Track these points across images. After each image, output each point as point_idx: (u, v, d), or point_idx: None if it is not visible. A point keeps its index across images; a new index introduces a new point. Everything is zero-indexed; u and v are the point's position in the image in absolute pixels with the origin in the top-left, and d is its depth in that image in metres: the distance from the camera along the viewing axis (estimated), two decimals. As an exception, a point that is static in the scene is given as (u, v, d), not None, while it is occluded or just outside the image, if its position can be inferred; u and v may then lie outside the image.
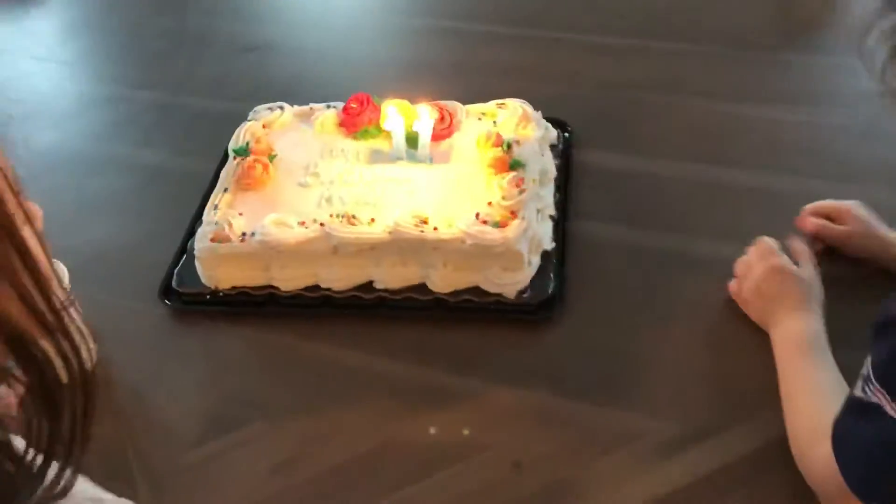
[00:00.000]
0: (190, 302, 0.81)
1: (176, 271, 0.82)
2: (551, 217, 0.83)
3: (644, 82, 1.05)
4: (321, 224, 0.77)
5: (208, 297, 0.80)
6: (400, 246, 0.76)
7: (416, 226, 0.76)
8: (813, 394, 0.64)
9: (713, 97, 1.02)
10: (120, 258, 0.87)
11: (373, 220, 0.78)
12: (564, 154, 0.92)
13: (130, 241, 0.89)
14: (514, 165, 0.80)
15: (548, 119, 0.92)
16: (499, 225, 0.76)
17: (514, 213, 0.77)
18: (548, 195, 0.84)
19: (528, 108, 0.88)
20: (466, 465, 0.66)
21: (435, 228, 0.76)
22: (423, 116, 0.82)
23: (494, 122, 0.88)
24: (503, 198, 0.78)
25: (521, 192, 0.78)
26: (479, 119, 0.89)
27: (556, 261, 0.79)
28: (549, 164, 0.87)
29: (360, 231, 0.76)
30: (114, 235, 0.91)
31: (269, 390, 0.74)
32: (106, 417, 0.51)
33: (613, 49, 1.13)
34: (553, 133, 0.92)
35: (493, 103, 0.90)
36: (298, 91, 1.05)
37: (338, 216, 0.77)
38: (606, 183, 0.90)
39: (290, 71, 1.14)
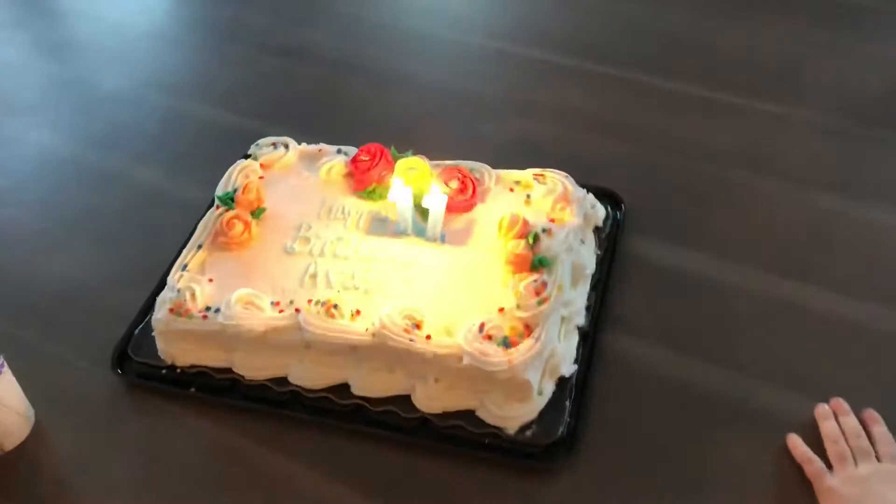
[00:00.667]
0: (143, 375, 0.69)
1: (136, 332, 0.71)
2: (579, 328, 0.68)
3: (726, 152, 0.87)
4: (297, 310, 0.64)
5: (164, 371, 0.68)
6: (384, 350, 0.62)
7: (406, 331, 0.61)
8: None
9: (809, 183, 0.83)
10: (85, 302, 0.77)
11: (357, 312, 0.64)
12: (611, 238, 0.76)
13: (101, 279, 0.79)
14: (539, 265, 0.65)
15: (598, 189, 0.77)
16: (507, 343, 0.61)
17: (528, 329, 0.62)
18: (578, 298, 0.68)
19: (571, 185, 0.72)
20: None
21: (428, 337, 0.61)
22: (435, 192, 0.67)
23: (528, 196, 0.73)
24: (518, 306, 0.63)
25: (542, 301, 0.63)
26: (511, 190, 0.74)
27: (575, 386, 0.65)
28: (587, 258, 0.71)
29: (339, 327, 0.63)
30: (86, 268, 0.80)
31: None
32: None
33: (695, 103, 0.94)
34: (600, 213, 0.76)
35: (529, 172, 0.74)
36: (322, 115, 0.92)
37: (317, 303, 0.64)
38: (657, 285, 0.73)
39: (321, 88, 1.01)
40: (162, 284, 0.71)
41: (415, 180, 0.71)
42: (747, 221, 0.79)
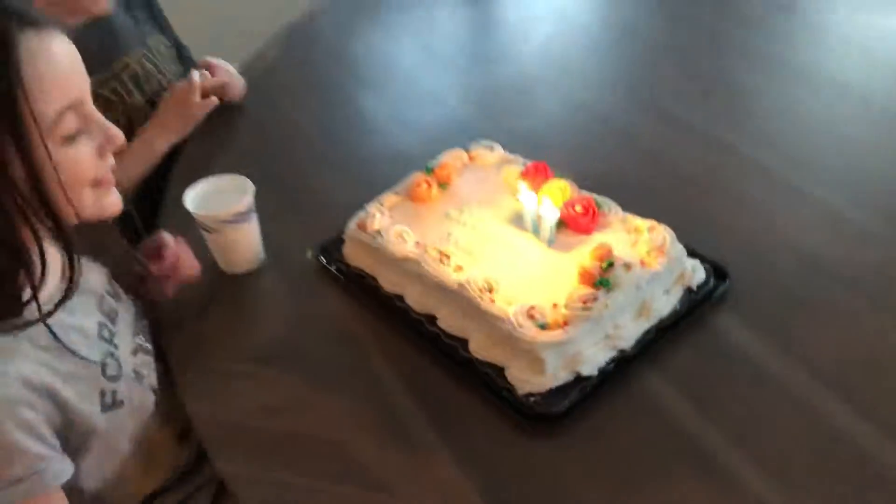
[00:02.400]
0: (329, 261, 0.99)
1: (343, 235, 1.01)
2: (621, 350, 0.81)
3: (869, 268, 0.90)
4: (418, 244, 0.88)
5: (340, 264, 0.98)
6: (462, 298, 0.83)
7: (480, 290, 0.82)
8: None
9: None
10: (331, 202, 1.09)
11: (459, 267, 0.86)
12: (699, 304, 0.87)
13: (351, 193, 1.10)
14: (599, 284, 0.81)
15: (710, 260, 0.88)
16: (543, 326, 0.78)
17: (565, 325, 0.78)
18: (631, 327, 0.82)
19: (671, 241, 0.85)
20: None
21: (492, 300, 0.81)
22: (547, 205, 0.86)
23: (637, 240, 0.87)
24: (565, 305, 0.80)
25: (585, 309, 0.78)
26: (628, 232, 0.89)
27: (591, 387, 0.79)
28: (661, 303, 0.84)
29: (440, 271, 0.85)
30: (344, 184, 1.13)
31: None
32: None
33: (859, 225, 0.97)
34: (698, 276, 0.87)
35: (648, 222, 0.89)
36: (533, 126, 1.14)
37: (437, 251, 0.87)
38: (717, 356, 0.83)
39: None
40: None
41: (552, 195, 0.90)
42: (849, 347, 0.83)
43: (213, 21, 1.54)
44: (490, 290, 0.83)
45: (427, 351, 0.86)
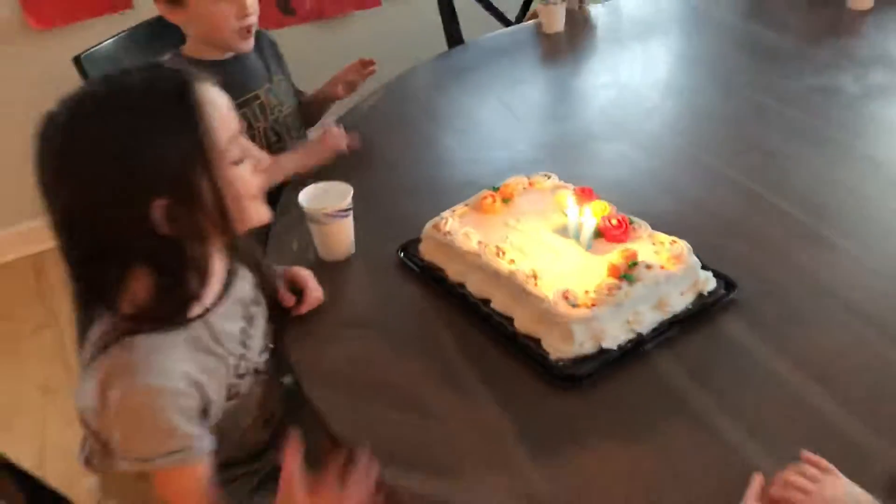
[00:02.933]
0: (407, 256, 1.21)
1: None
2: (638, 333, 0.99)
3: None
4: (481, 243, 1.09)
5: (416, 258, 1.19)
6: (513, 283, 1.04)
7: (526, 277, 1.02)
8: None
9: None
10: (412, 209, 1.31)
11: (512, 260, 1.06)
12: (709, 306, 1.05)
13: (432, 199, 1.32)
14: (623, 277, 1.00)
15: (718, 272, 1.07)
16: (576, 306, 0.98)
17: (593, 305, 0.98)
18: (648, 316, 1.00)
19: (687, 251, 1.04)
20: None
21: (536, 285, 1.01)
22: (587, 215, 1.06)
23: (658, 251, 1.06)
24: (594, 291, 0.99)
25: (610, 296, 0.98)
26: (653, 244, 1.08)
27: (610, 360, 0.97)
28: (675, 300, 1.02)
29: (496, 262, 1.06)
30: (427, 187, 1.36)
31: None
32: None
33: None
34: (709, 284, 1.05)
35: (671, 237, 1.08)
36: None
37: (495, 247, 1.08)
38: (717, 354, 1.01)
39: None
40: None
41: (593, 210, 1.10)
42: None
43: (324, 74, 1.82)
44: (535, 278, 1.03)
45: (481, 327, 1.06)
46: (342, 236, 1.21)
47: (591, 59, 1.94)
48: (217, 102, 0.88)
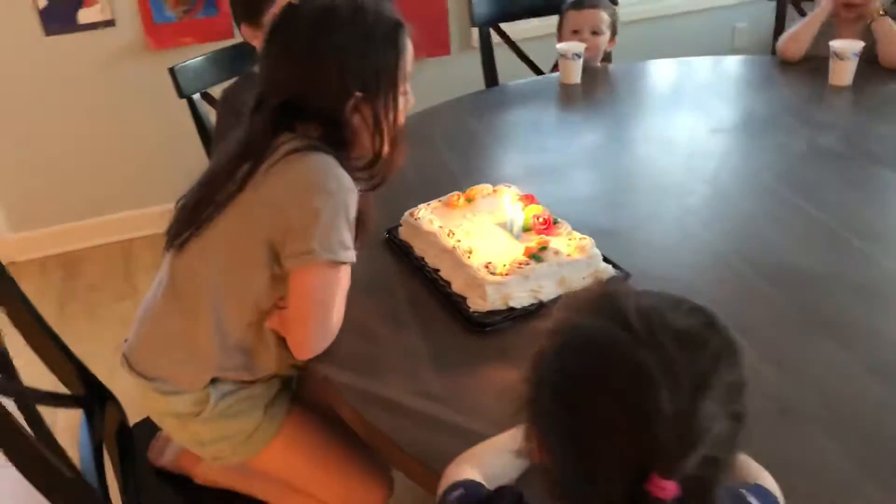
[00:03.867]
0: (391, 235, 1.54)
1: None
2: (540, 300, 1.30)
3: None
4: (441, 228, 1.42)
5: (396, 237, 1.53)
6: (454, 255, 1.36)
7: (464, 252, 1.34)
8: None
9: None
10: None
11: (458, 240, 1.39)
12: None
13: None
14: (533, 257, 1.31)
15: (616, 265, 1.36)
16: (494, 274, 1.29)
17: (507, 275, 1.29)
18: (552, 290, 1.31)
19: (591, 245, 1.34)
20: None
21: (469, 256, 1.33)
22: (518, 212, 1.38)
23: (569, 243, 1.36)
24: (508, 265, 1.30)
25: (519, 268, 1.29)
26: (568, 239, 1.38)
27: (514, 316, 1.28)
28: (577, 282, 1.32)
29: (444, 239, 1.39)
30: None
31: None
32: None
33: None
34: (609, 273, 1.34)
35: (583, 235, 1.38)
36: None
37: (448, 231, 1.41)
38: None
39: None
40: (428, 217, 1.56)
41: (527, 210, 1.42)
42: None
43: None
44: (470, 253, 1.35)
45: (429, 288, 1.39)
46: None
47: (593, 108, 2.25)
48: (409, 45, 1.27)
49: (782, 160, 1.80)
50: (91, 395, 1.42)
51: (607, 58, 2.53)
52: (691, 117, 2.07)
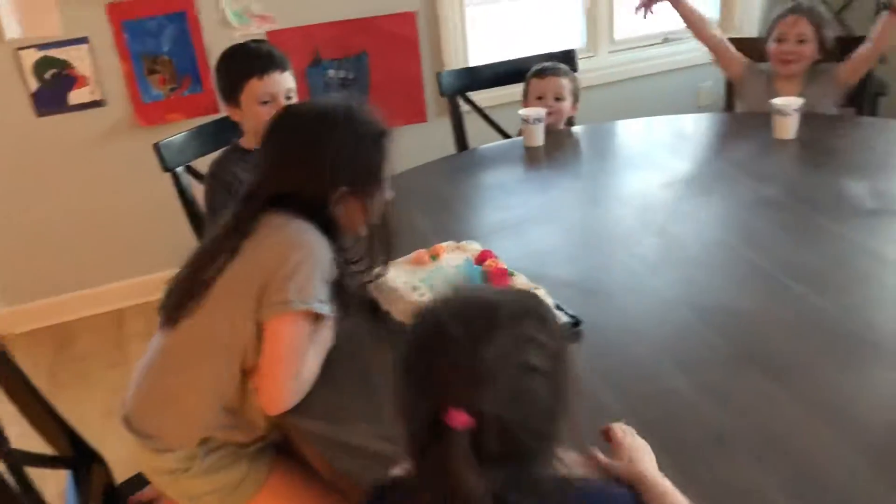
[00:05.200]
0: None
1: (373, 283, 1.67)
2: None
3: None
4: (404, 283, 1.53)
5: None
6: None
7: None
8: None
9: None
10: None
11: (423, 294, 1.49)
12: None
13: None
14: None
15: (567, 312, 1.46)
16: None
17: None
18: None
19: (544, 293, 1.45)
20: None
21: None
22: (470, 263, 1.50)
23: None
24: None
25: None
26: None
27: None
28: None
29: (408, 295, 1.49)
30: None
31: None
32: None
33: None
34: (563, 319, 1.44)
35: (535, 285, 1.48)
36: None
37: (412, 286, 1.52)
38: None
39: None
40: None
41: (488, 264, 1.53)
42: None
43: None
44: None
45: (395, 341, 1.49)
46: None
47: (555, 168, 2.38)
48: (392, 150, 1.42)
49: (727, 210, 1.93)
50: (79, 457, 1.50)
51: (570, 122, 2.68)
52: (645, 173, 2.20)
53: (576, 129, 2.64)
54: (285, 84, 2.00)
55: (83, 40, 2.91)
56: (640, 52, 3.86)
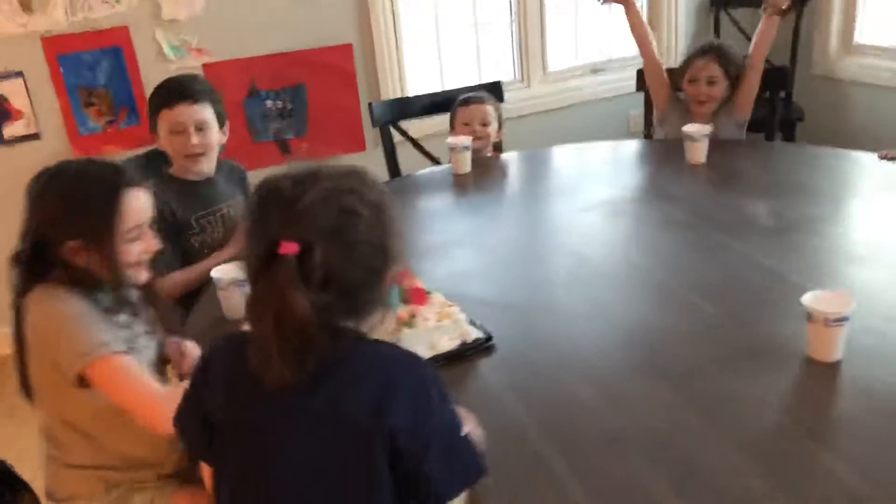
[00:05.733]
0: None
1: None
2: (413, 362, 1.47)
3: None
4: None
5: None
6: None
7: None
8: None
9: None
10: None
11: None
12: (470, 348, 1.51)
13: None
14: (406, 325, 1.50)
15: (481, 328, 1.54)
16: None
17: (381, 341, 1.47)
18: (424, 352, 1.48)
19: (457, 312, 1.53)
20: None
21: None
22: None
23: (439, 312, 1.55)
24: (390, 334, 1.48)
25: (392, 334, 1.47)
26: (440, 307, 1.57)
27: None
28: (445, 344, 1.50)
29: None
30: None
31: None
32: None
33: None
34: (475, 335, 1.53)
35: (451, 303, 1.56)
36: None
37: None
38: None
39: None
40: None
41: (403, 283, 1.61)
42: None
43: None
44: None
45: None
46: (240, 301, 1.74)
47: (480, 194, 2.47)
48: (133, 203, 1.45)
49: (637, 231, 2.05)
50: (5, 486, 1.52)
51: (498, 147, 2.79)
52: (564, 198, 2.32)
53: (504, 155, 2.75)
54: (194, 115, 2.07)
55: (18, 74, 2.94)
56: (572, 82, 4.02)
